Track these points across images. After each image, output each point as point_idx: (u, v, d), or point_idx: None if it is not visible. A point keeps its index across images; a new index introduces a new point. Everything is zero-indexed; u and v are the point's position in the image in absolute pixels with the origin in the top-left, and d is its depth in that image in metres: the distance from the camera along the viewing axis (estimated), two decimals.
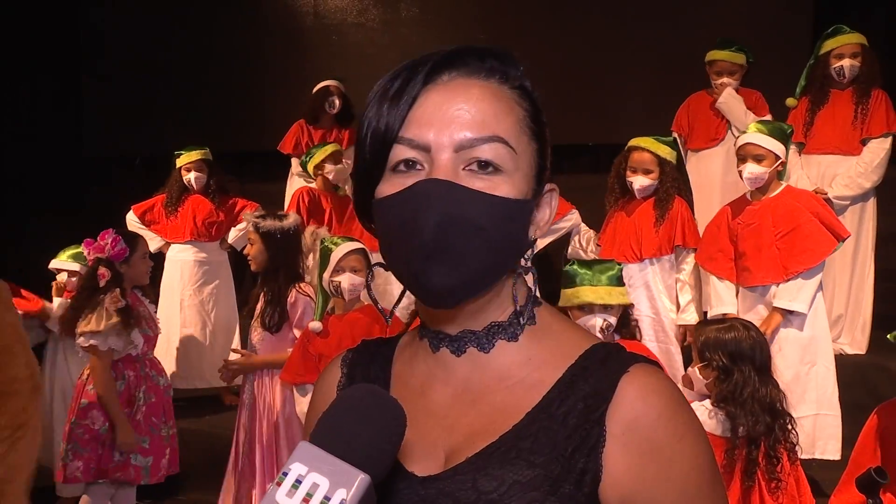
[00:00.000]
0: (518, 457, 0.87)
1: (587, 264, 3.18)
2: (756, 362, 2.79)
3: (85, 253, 3.82)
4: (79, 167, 6.76)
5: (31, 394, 2.07)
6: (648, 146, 4.19)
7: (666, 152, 4.17)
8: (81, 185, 6.58)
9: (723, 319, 3.10)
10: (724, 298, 3.99)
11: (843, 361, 4.37)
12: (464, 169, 0.88)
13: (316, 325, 3.47)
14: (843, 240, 3.78)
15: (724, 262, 3.98)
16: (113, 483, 3.76)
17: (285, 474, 0.76)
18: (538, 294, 0.99)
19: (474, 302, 0.92)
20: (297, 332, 3.75)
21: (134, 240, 3.86)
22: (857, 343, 4.77)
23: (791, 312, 3.76)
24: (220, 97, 6.53)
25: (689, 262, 4.25)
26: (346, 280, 3.43)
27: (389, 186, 0.89)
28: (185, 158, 5.34)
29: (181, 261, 5.46)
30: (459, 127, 0.87)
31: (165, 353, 5.36)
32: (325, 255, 3.48)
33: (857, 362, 4.63)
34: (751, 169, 3.75)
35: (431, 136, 0.87)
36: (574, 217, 4.70)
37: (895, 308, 4.84)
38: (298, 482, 0.75)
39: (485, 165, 0.87)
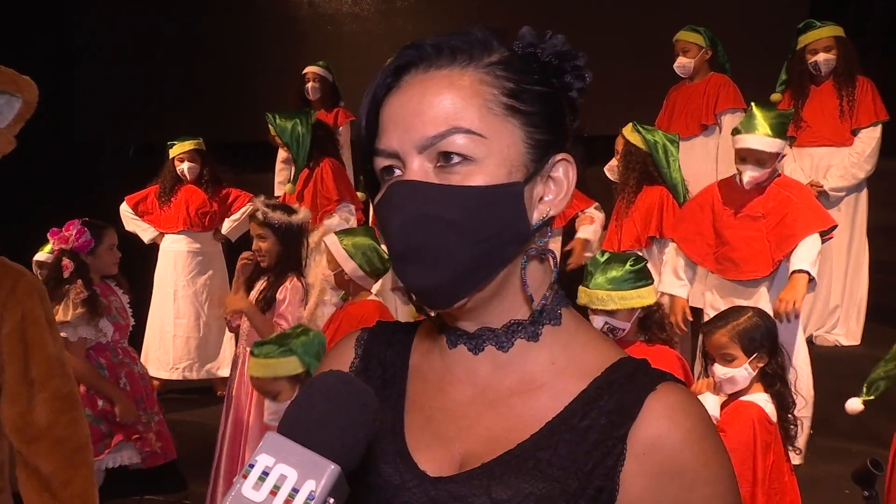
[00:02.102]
0: (535, 468, 0.84)
1: (598, 259, 2.98)
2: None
3: (51, 243, 3.81)
4: (72, 155, 6.73)
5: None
6: (624, 129, 4.21)
7: (631, 135, 4.14)
8: (74, 172, 6.55)
9: (733, 312, 2.91)
10: (677, 282, 3.90)
11: (837, 352, 4.37)
12: (435, 167, 0.85)
13: None
14: (831, 228, 3.67)
15: (702, 247, 3.86)
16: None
17: (251, 466, 0.73)
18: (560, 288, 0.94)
19: (479, 297, 0.88)
20: (278, 321, 3.74)
21: (100, 231, 3.84)
22: (851, 334, 4.77)
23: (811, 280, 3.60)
24: (214, 86, 6.50)
25: (669, 252, 4.13)
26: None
27: (379, 194, 0.90)
28: (178, 149, 5.30)
29: (175, 251, 5.43)
30: (417, 128, 0.85)
31: (158, 344, 5.36)
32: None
33: (852, 353, 4.63)
34: (752, 173, 3.65)
35: (396, 143, 0.86)
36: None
37: (888, 299, 4.85)
38: (265, 474, 0.72)
39: (451, 158, 0.84)
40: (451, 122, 0.84)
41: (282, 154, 5.22)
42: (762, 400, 2.76)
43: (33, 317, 2.04)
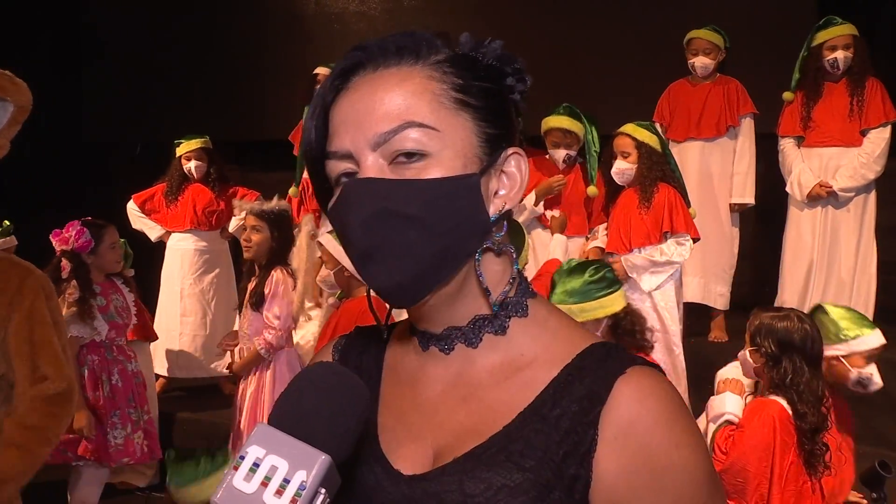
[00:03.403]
0: (507, 460, 0.84)
1: (561, 269, 2.98)
2: (807, 354, 2.77)
3: (54, 244, 3.83)
4: (79, 154, 6.75)
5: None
6: (627, 130, 4.14)
7: (645, 136, 4.08)
8: (82, 171, 6.57)
9: (780, 308, 2.97)
10: None
11: None
12: (390, 164, 0.85)
13: None
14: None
15: None
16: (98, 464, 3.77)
17: (242, 458, 0.73)
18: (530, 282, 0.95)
19: (442, 293, 0.88)
20: (265, 311, 3.80)
21: (100, 230, 3.87)
22: None
23: None
24: (221, 85, 6.51)
25: (673, 244, 4.11)
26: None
27: (333, 198, 0.90)
28: (185, 147, 5.33)
29: (181, 250, 5.45)
30: (370, 125, 0.85)
31: (165, 342, 5.37)
32: None
33: None
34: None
35: (349, 143, 0.86)
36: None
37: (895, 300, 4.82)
38: (256, 465, 0.73)
39: (407, 154, 0.84)
40: (404, 116, 0.84)
41: None
42: (785, 401, 2.75)
43: (40, 316, 2.06)
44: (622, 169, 4.14)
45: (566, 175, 4.49)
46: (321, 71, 5.76)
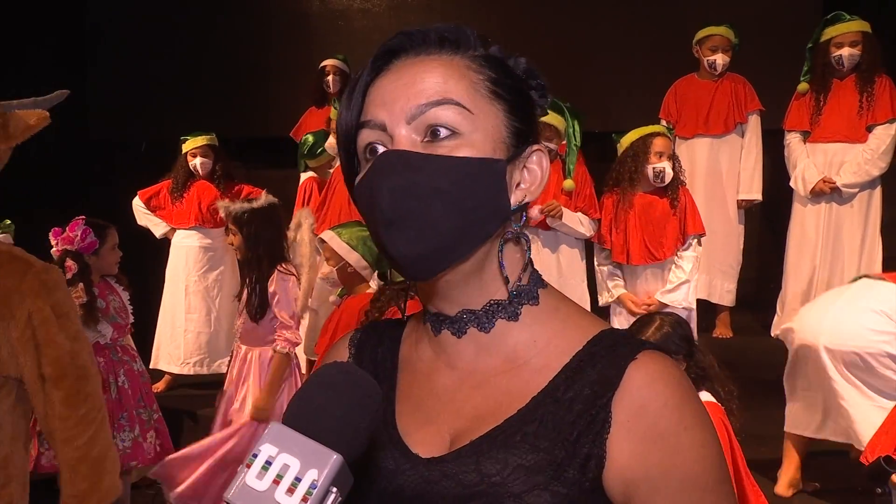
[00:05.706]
0: (523, 441, 0.87)
1: None
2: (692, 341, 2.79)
3: (53, 243, 3.76)
4: (84, 151, 6.76)
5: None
6: (662, 130, 4.17)
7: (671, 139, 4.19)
8: (87, 169, 6.57)
9: (640, 321, 2.90)
10: None
11: None
12: (422, 140, 0.88)
13: None
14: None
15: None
16: None
17: (255, 455, 0.74)
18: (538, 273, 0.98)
19: (457, 271, 0.91)
20: (276, 312, 3.75)
21: (104, 230, 3.82)
22: None
23: None
24: (226, 82, 6.51)
25: (686, 251, 4.16)
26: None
27: (361, 173, 0.93)
28: (190, 144, 5.32)
29: (186, 247, 5.45)
30: (408, 98, 0.89)
31: (170, 339, 5.39)
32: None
33: None
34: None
35: (384, 114, 0.89)
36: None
37: None
38: (269, 463, 0.74)
39: (439, 133, 0.88)
40: (442, 94, 0.88)
41: (330, 140, 5.24)
42: (711, 398, 2.70)
43: (42, 315, 2.03)
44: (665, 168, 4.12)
45: None
46: (329, 63, 5.77)
